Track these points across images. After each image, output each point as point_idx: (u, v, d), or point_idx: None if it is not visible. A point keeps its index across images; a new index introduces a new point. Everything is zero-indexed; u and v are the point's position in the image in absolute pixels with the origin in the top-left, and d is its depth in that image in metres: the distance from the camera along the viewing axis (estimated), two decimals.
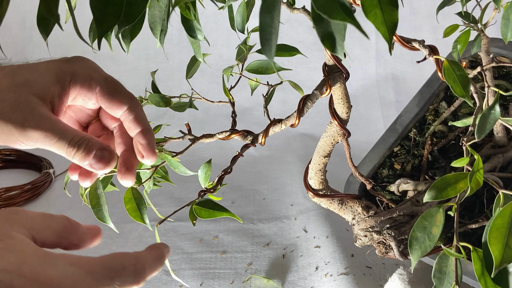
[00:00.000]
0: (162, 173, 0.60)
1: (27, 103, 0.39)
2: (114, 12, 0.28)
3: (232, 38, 1.46)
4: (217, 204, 0.47)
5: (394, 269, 0.77)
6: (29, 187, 1.03)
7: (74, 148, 0.40)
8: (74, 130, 0.41)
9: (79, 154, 0.40)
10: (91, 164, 0.41)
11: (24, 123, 0.39)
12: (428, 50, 0.45)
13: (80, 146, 0.40)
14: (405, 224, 0.56)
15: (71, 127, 0.41)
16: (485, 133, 0.42)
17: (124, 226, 0.91)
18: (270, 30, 0.23)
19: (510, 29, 0.52)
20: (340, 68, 0.50)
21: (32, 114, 0.39)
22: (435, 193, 0.40)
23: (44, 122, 0.39)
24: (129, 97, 0.44)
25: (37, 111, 0.39)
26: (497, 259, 0.35)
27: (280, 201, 1.00)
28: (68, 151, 0.40)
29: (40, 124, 0.39)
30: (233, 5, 0.59)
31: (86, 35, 0.41)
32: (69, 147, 0.40)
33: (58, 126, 0.40)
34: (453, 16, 0.62)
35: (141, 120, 0.44)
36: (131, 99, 0.44)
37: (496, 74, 0.77)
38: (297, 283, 0.78)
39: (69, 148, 0.40)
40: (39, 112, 0.40)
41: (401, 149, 0.76)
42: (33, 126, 0.39)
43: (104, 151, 0.41)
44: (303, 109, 0.52)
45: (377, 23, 0.24)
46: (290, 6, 0.56)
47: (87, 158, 0.41)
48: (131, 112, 0.44)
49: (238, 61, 0.62)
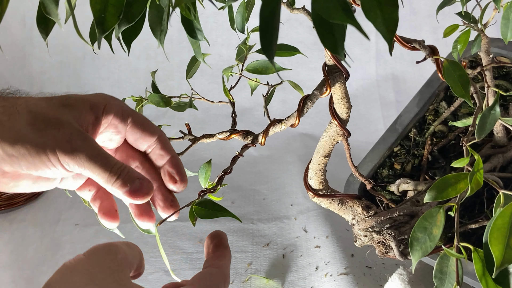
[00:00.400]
0: None
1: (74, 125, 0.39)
2: (114, 12, 0.28)
3: (232, 38, 1.46)
4: (217, 204, 0.47)
5: (394, 269, 0.77)
6: None
7: (115, 175, 0.40)
8: (115, 158, 0.41)
9: (119, 181, 0.40)
10: (128, 193, 0.40)
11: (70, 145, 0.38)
12: (428, 50, 0.45)
13: (121, 173, 0.40)
14: (405, 224, 0.56)
15: (111, 155, 0.41)
16: (485, 133, 0.42)
17: (124, 226, 0.91)
18: (270, 30, 0.23)
19: (510, 29, 0.52)
20: (340, 68, 0.50)
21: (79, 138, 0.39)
22: (436, 193, 0.40)
23: (90, 145, 0.39)
24: (158, 128, 0.45)
25: (82, 135, 0.39)
26: (498, 260, 0.35)
27: (280, 201, 1.00)
28: (109, 178, 0.40)
29: (87, 148, 0.39)
30: (233, 5, 0.59)
31: (86, 35, 0.41)
32: (111, 173, 0.39)
33: (102, 152, 0.40)
34: (453, 16, 0.62)
35: (170, 148, 0.45)
36: (160, 130, 0.45)
37: (496, 74, 0.77)
38: (297, 283, 0.78)
39: (111, 174, 0.39)
40: (84, 136, 0.39)
41: (401, 149, 0.76)
42: (81, 150, 0.38)
43: (143, 181, 0.41)
44: (303, 109, 0.52)
45: (377, 23, 0.24)
46: (290, 6, 0.56)
47: (125, 187, 0.40)
48: (160, 142, 0.44)
49: (238, 61, 0.62)
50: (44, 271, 0.83)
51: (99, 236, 0.91)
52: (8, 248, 0.89)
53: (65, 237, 0.91)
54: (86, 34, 0.41)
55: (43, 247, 0.89)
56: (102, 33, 0.29)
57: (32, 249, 0.89)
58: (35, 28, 0.39)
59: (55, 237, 0.92)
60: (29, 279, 0.82)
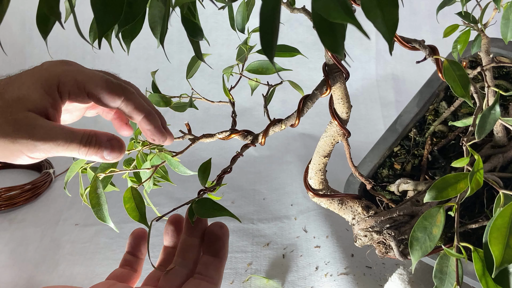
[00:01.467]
0: (162, 172, 0.60)
1: (27, 120, 0.40)
2: (114, 11, 0.28)
3: (232, 38, 1.46)
4: (216, 203, 0.47)
5: (394, 269, 0.77)
6: (29, 187, 1.03)
7: (85, 147, 0.42)
8: (79, 131, 0.42)
9: (91, 151, 0.42)
10: (104, 156, 0.43)
11: (32, 140, 0.40)
12: (428, 50, 0.45)
13: (90, 143, 0.42)
14: (405, 224, 0.56)
15: (75, 128, 0.42)
16: (485, 133, 0.42)
17: (124, 226, 0.91)
18: (270, 30, 0.23)
19: (510, 29, 0.52)
20: (340, 68, 0.50)
21: (36, 129, 0.40)
22: (436, 193, 0.40)
23: (51, 132, 0.41)
24: (120, 90, 0.44)
25: (39, 125, 0.40)
26: (498, 259, 0.35)
27: (280, 201, 1.00)
28: (81, 152, 0.42)
29: (47, 136, 0.40)
30: (233, 5, 0.59)
31: (85, 35, 0.41)
32: (81, 147, 0.42)
33: (66, 131, 0.41)
34: (453, 16, 0.62)
35: (139, 108, 0.45)
36: (123, 92, 0.44)
37: (496, 74, 0.77)
38: (297, 283, 0.78)
39: (81, 148, 0.42)
40: (41, 124, 0.41)
41: (401, 149, 0.76)
42: (42, 140, 0.40)
43: (112, 140, 0.43)
44: (303, 109, 0.52)
45: (377, 23, 0.24)
46: (290, 6, 0.56)
47: (99, 152, 0.42)
48: (127, 104, 0.44)
49: (238, 61, 0.62)
50: (44, 271, 0.83)
51: (99, 236, 0.91)
52: (8, 248, 0.89)
53: (65, 237, 0.91)
54: (86, 34, 0.41)
55: (43, 247, 0.89)
56: (102, 33, 0.29)
57: (32, 249, 0.89)
58: (35, 28, 0.39)
59: (55, 237, 0.92)
60: (29, 279, 0.82)
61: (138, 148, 0.56)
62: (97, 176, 0.48)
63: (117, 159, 0.44)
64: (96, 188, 0.48)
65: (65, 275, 0.82)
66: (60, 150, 0.41)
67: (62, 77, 0.43)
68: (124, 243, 0.89)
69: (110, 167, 0.51)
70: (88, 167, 0.54)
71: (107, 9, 0.28)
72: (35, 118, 0.41)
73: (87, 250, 0.87)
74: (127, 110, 0.45)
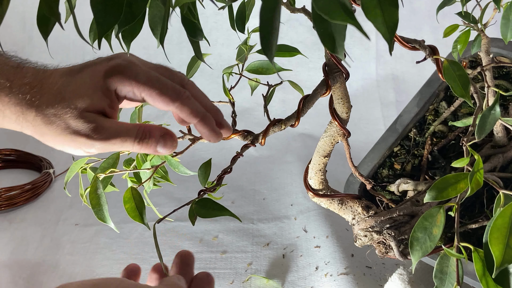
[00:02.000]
0: (162, 173, 0.60)
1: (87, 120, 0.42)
2: (114, 12, 0.28)
3: (232, 38, 1.46)
4: (217, 203, 0.47)
5: (394, 269, 0.77)
6: (29, 187, 1.03)
7: (139, 143, 0.44)
8: (134, 127, 0.44)
9: (145, 146, 0.44)
10: (158, 151, 0.45)
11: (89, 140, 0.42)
12: (428, 50, 0.45)
13: (143, 139, 0.44)
14: (405, 224, 0.56)
15: (129, 124, 0.45)
16: (485, 133, 0.42)
17: (124, 226, 0.91)
18: (270, 30, 0.23)
19: (510, 29, 0.52)
20: (340, 68, 0.50)
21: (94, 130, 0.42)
22: (436, 193, 0.40)
23: (108, 132, 0.43)
24: (175, 95, 0.45)
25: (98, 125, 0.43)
26: (498, 260, 0.35)
27: (280, 201, 1.00)
28: (135, 147, 0.44)
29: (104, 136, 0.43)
30: (233, 5, 0.59)
31: (85, 35, 0.41)
32: (135, 144, 0.44)
33: (121, 129, 0.43)
34: (453, 16, 0.62)
35: (194, 113, 0.46)
36: (178, 97, 0.45)
37: (496, 74, 0.77)
38: (297, 283, 0.78)
39: (136, 145, 0.44)
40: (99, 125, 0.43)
41: (401, 149, 0.76)
42: (99, 140, 0.42)
43: (165, 135, 0.45)
44: (303, 109, 0.52)
45: (378, 23, 0.24)
46: (290, 6, 0.56)
47: (152, 147, 0.44)
48: (181, 109, 0.45)
49: (238, 61, 0.62)
50: (44, 271, 0.83)
51: (99, 236, 0.91)
52: (8, 248, 0.89)
53: (65, 237, 0.91)
54: (86, 34, 0.41)
55: (43, 247, 0.89)
56: (102, 33, 0.29)
57: (32, 249, 0.89)
58: (35, 28, 0.39)
59: (55, 237, 0.92)
60: (29, 279, 0.82)
61: None
62: (97, 177, 0.48)
63: (169, 153, 0.46)
64: (96, 189, 0.48)
65: (65, 275, 0.82)
66: (116, 148, 0.43)
67: (119, 84, 0.44)
68: (124, 243, 0.89)
69: (110, 167, 0.51)
70: (88, 168, 0.54)
71: (107, 10, 0.28)
72: (93, 119, 0.43)
73: (87, 250, 0.87)
74: (182, 115, 0.46)
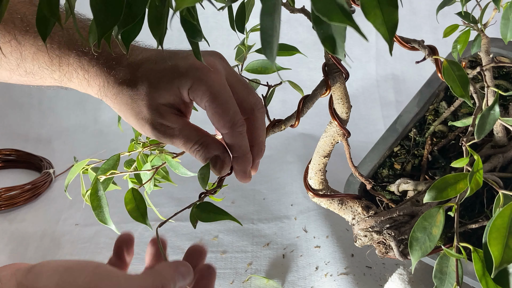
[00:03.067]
0: (163, 173, 0.60)
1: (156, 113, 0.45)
2: (114, 13, 0.28)
3: (232, 38, 1.45)
4: (217, 207, 0.47)
5: (394, 269, 0.77)
6: (29, 187, 1.03)
7: (194, 152, 0.47)
8: (196, 134, 0.47)
9: (197, 156, 0.47)
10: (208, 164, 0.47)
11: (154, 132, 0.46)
12: (427, 50, 0.45)
13: (198, 151, 0.47)
14: (405, 224, 0.56)
15: (196, 127, 0.48)
16: (484, 133, 0.42)
17: (124, 226, 0.91)
18: (271, 32, 0.23)
19: (510, 29, 0.52)
20: (340, 68, 0.50)
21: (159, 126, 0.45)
22: (435, 193, 0.40)
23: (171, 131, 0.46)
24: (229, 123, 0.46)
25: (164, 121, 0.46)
26: (497, 260, 0.35)
27: (280, 201, 1.00)
28: (189, 152, 0.47)
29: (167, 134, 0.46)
30: (232, 5, 0.59)
31: None
32: (191, 151, 0.47)
33: (182, 133, 0.46)
34: (453, 16, 0.62)
35: (236, 148, 0.47)
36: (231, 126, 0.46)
37: (496, 74, 0.77)
38: (297, 283, 0.78)
39: (190, 151, 0.47)
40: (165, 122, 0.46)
41: (401, 149, 0.76)
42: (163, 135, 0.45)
43: (217, 157, 0.47)
44: (303, 109, 0.52)
45: (377, 23, 0.24)
46: (290, 6, 0.56)
47: (202, 160, 0.47)
48: (227, 140, 0.47)
49: (237, 61, 0.62)
50: None
51: (99, 236, 0.91)
52: (8, 248, 0.89)
53: (65, 237, 0.91)
54: None
55: (43, 247, 0.89)
56: (102, 34, 0.29)
57: (32, 249, 0.89)
58: None
59: (55, 237, 0.92)
60: None
61: (139, 150, 0.56)
62: (98, 178, 0.49)
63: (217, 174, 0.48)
64: (97, 190, 0.48)
65: None
66: (176, 146, 0.46)
67: (194, 84, 0.45)
68: None
69: (110, 169, 0.51)
70: (89, 168, 0.54)
71: (107, 11, 0.28)
72: (163, 113, 0.45)
73: (87, 250, 0.87)
74: (226, 141, 0.48)
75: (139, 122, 0.46)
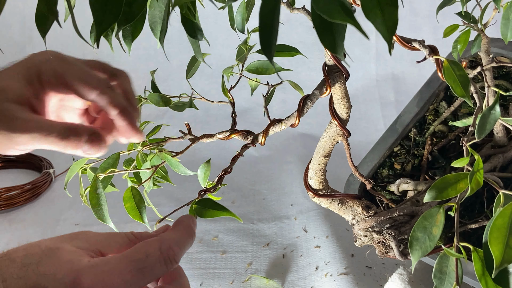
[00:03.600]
0: (162, 173, 0.60)
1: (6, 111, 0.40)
2: (113, 11, 0.28)
3: (232, 38, 1.45)
4: (217, 203, 0.47)
5: (394, 269, 0.77)
6: (29, 187, 1.03)
7: (63, 140, 0.40)
8: (59, 123, 0.41)
9: (70, 145, 0.41)
10: (85, 151, 0.41)
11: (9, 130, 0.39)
12: (428, 50, 0.45)
13: (67, 137, 0.40)
14: (405, 224, 0.56)
15: (55, 121, 0.42)
16: (485, 133, 0.42)
17: (124, 226, 0.91)
18: (270, 30, 0.23)
19: (510, 29, 0.52)
20: (340, 68, 0.50)
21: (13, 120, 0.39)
22: (436, 193, 0.40)
23: (28, 124, 0.40)
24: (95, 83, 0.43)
25: (18, 116, 0.40)
26: (498, 259, 0.35)
27: (280, 201, 1.00)
28: (59, 145, 0.41)
29: (24, 127, 0.39)
30: (233, 5, 0.59)
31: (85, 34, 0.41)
32: (60, 140, 0.40)
33: (43, 124, 0.40)
34: (453, 16, 0.62)
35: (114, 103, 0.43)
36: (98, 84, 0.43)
37: (496, 74, 0.77)
38: (297, 283, 0.78)
39: (59, 142, 0.40)
40: (20, 116, 0.40)
41: (401, 149, 0.76)
42: (19, 131, 0.39)
43: (92, 136, 0.41)
44: (303, 109, 0.52)
45: (377, 23, 0.24)
46: (290, 6, 0.56)
47: (78, 146, 0.41)
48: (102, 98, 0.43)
49: (238, 61, 0.62)
50: None
51: None
52: (8, 248, 0.89)
53: None
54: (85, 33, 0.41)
55: None
56: (101, 32, 0.29)
57: None
58: (35, 28, 0.39)
59: None
60: None
61: (138, 149, 0.56)
62: (97, 177, 0.48)
63: (98, 154, 0.43)
64: (96, 188, 0.48)
65: None
66: (37, 143, 0.40)
67: (42, 67, 0.42)
68: None
69: (110, 167, 0.51)
70: (88, 168, 0.54)
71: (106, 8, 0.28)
72: (14, 110, 0.40)
73: None
74: (102, 104, 0.43)
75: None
